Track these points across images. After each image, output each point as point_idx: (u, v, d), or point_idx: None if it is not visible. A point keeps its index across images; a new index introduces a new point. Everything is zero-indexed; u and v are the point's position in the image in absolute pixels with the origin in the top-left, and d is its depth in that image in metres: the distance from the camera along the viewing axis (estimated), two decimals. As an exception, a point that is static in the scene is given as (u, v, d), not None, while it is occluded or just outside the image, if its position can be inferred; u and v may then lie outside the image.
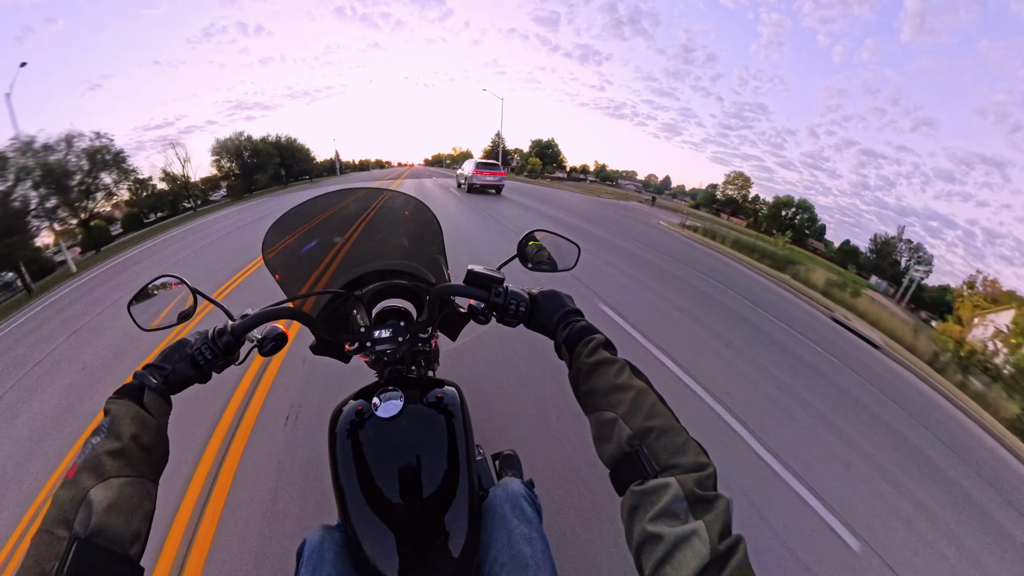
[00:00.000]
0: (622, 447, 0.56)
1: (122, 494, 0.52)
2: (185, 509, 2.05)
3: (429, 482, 0.79)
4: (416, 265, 1.18)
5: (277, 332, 0.86)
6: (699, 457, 0.52)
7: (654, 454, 0.53)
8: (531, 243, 1.02)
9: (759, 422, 3.24)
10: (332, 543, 0.77)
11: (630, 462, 0.55)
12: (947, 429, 4.72)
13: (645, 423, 0.57)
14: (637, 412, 0.58)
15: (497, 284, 0.83)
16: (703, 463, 0.52)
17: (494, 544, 0.77)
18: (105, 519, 0.48)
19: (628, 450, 0.56)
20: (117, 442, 0.56)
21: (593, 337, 0.73)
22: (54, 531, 0.46)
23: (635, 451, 0.55)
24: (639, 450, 0.54)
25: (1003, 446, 4.95)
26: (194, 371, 0.72)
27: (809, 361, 5.06)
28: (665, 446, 0.54)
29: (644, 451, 0.54)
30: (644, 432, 0.56)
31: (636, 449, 0.55)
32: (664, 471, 0.51)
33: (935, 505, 2.97)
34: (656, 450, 0.54)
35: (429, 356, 1.26)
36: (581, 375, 0.69)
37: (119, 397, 0.63)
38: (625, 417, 0.59)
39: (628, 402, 0.60)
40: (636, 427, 0.57)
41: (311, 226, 1.13)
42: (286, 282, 1.04)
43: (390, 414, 0.81)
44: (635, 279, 6.55)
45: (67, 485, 0.50)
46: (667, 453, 0.53)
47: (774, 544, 2.18)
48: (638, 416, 0.58)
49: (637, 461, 0.54)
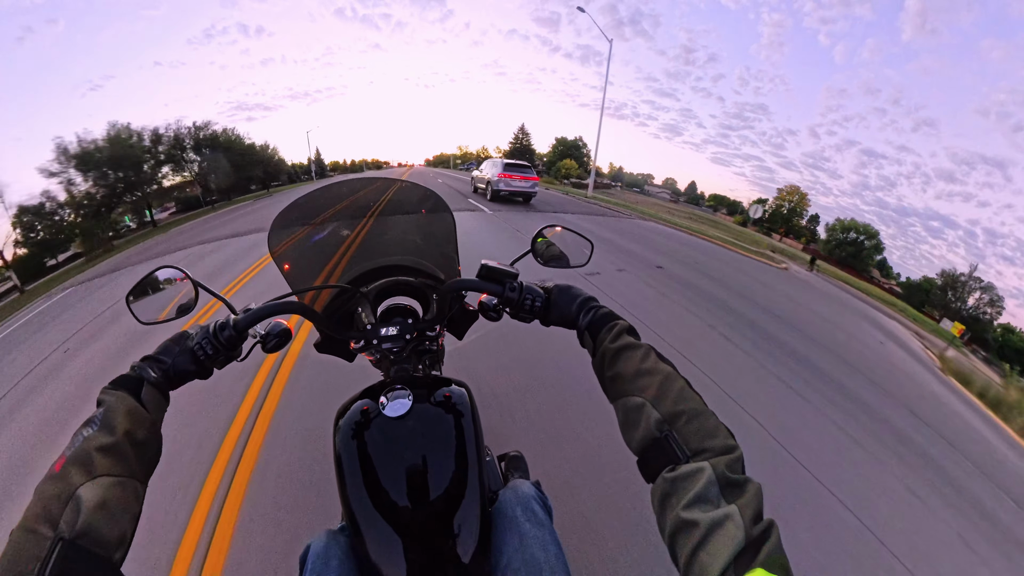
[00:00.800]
0: (651, 432, 0.55)
1: (111, 494, 0.49)
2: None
3: (438, 484, 0.76)
4: (424, 262, 1.16)
5: (281, 328, 0.84)
6: (728, 440, 0.52)
7: (685, 439, 0.52)
8: (540, 240, 1.00)
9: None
10: (337, 548, 0.75)
11: (660, 448, 0.54)
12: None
13: (675, 407, 0.56)
14: (666, 396, 0.57)
15: (511, 279, 0.82)
16: (732, 446, 0.51)
17: (506, 549, 0.75)
18: (92, 520, 0.46)
19: (658, 435, 0.55)
20: (110, 437, 0.53)
21: (616, 323, 0.72)
22: (37, 529, 0.44)
23: (665, 436, 0.54)
24: (669, 435, 0.54)
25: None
26: (194, 366, 0.70)
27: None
28: (696, 430, 0.53)
29: (675, 436, 0.53)
30: (674, 416, 0.55)
31: (666, 434, 0.54)
32: (696, 456, 0.50)
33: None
34: (687, 434, 0.53)
35: (435, 355, 1.23)
36: (606, 361, 0.68)
37: (115, 388, 0.60)
38: (654, 401, 0.58)
39: (656, 386, 0.59)
40: (665, 411, 0.56)
41: (319, 217, 1.10)
42: (292, 275, 1.01)
43: (398, 413, 0.79)
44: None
45: (54, 479, 0.48)
46: (698, 437, 0.52)
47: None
48: (667, 400, 0.57)
49: (667, 446, 0.53)
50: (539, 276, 0.97)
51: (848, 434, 3.44)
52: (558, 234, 1.01)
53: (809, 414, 3.57)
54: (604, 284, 5.69)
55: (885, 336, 10.00)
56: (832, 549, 2.16)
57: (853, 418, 3.78)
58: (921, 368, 8.59)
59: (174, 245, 12.38)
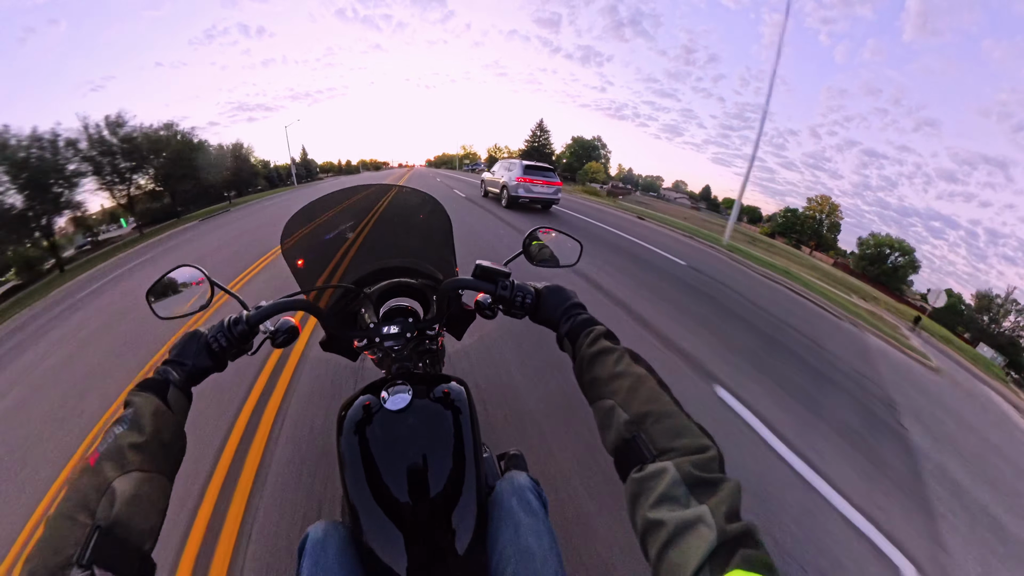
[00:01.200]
0: (622, 434, 0.56)
1: (142, 488, 0.52)
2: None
3: (437, 477, 0.79)
4: (424, 263, 1.20)
5: (289, 325, 0.88)
6: (699, 439, 0.52)
7: (652, 439, 0.53)
8: (535, 242, 1.04)
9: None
10: (335, 536, 0.77)
11: (630, 448, 0.55)
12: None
13: (643, 408, 0.57)
14: (634, 398, 0.59)
15: (504, 278, 0.86)
16: (704, 445, 0.51)
17: (501, 537, 0.77)
18: (126, 511, 0.49)
19: (627, 436, 0.56)
20: (140, 436, 0.57)
21: (594, 328, 0.74)
22: (76, 517, 0.46)
23: (634, 437, 0.55)
24: (637, 436, 0.54)
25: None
26: (211, 360, 0.74)
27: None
28: (663, 430, 0.53)
29: (642, 436, 0.54)
30: (641, 417, 0.56)
31: (635, 435, 0.55)
32: (662, 455, 0.51)
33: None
34: (654, 434, 0.53)
35: (435, 355, 1.27)
36: (584, 365, 0.70)
37: (142, 390, 0.64)
38: (623, 404, 0.59)
39: (626, 389, 0.60)
40: (633, 412, 0.57)
41: (328, 219, 1.15)
42: (301, 274, 1.06)
43: (399, 407, 0.81)
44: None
45: (89, 472, 0.51)
46: (665, 437, 0.53)
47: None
48: (636, 402, 0.58)
49: (635, 447, 0.54)
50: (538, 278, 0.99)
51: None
52: (550, 236, 1.06)
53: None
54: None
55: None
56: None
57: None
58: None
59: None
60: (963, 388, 8.08)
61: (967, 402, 7.00)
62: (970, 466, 3.78)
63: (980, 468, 3.84)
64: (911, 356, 8.03)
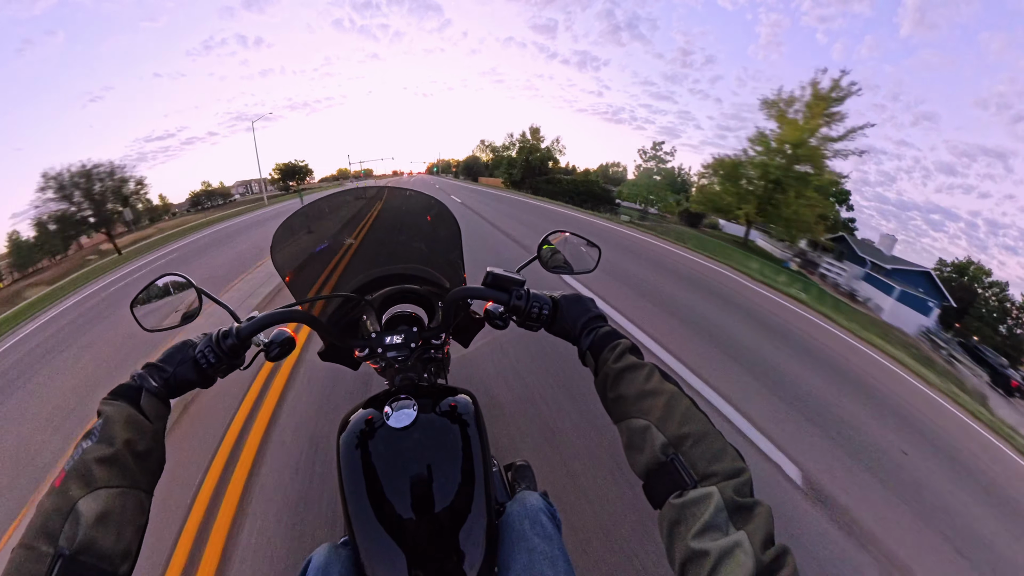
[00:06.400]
0: (656, 456, 0.54)
1: (112, 506, 0.48)
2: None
3: (443, 496, 0.74)
4: (429, 269, 1.16)
5: (285, 336, 0.83)
6: (736, 462, 0.50)
7: (692, 462, 0.51)
8: (546, 246, 1.00)
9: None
10: (338, 562, 0.73)
11: (666, 472, 0.52)
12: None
13: (680, 429, 0.54)
14: (671, 418, 0.56)
15: (518, 286, 0.81)
16: (740, 468, 0.49)
17: (514, 565, 0.73)
18: (93, 534, 0.45)
19: (663, 459, 0.53)
20: (109, 448, 0.52)
21: (619, 342, 0.71)
22: (36, 546, 0.43)
23: (670, 460, 0.52)
24: (675, 458, 0.52)
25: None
26: (196, 375, 0.69)
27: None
28: (703, 453, 0.51)
29: (681, 459, 0.51)
30: (680, 439, 0.53)
31: (671, 457, 0.52)
32: (703, 480, 0.49)
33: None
34: (693, 458, 0.51)
35: (441, 364, 1.22)
36: (609, 381, 0.66)
37: (114, 398, 0.60)
38: (658, 424, 0.56)
39: (661, 407, 0.58)
40: (671, 434, 0.54)
41: (322, 226, 1.10)
42: (295, 284, 1.01)
43: (403, 424, 0.77)
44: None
45: (53, 494, 0.47)
46: (705, 461, 0.50)
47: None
48: (672, 422, 0.55)
49: (674, 470, 0.51)
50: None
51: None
52: (565, 240, 1.01)
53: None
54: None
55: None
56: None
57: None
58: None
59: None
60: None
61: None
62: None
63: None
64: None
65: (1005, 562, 2.58)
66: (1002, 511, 3.19)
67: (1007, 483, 3.73)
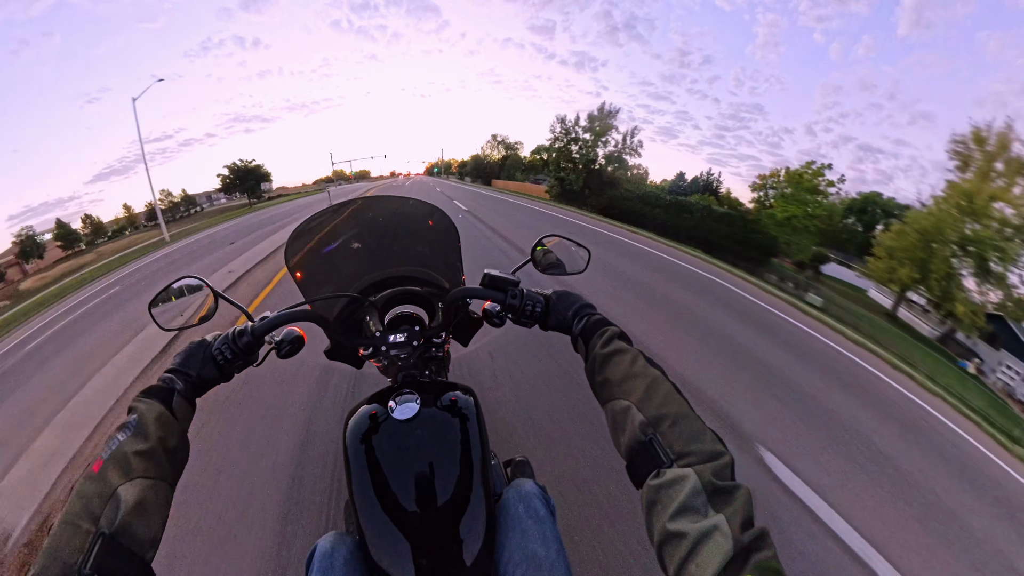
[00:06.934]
0: (636, 435, 0.56)
1: (147, 495, 0.52)
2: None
3: (445, 486, 0.78)
4: (430, 272, 1.20)
5: (294, 335, 0.87)
6: (715, 445, 0.51)
7: (669, 442, 0.52)
8: (539, 248, 1.04)
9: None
10: (343, 549, 0.76)
11: (645, 451, 0.54)
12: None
13: (659, 410, 0.56)
14: (651, 399, 0.58)
15: (513, 287, 0.85)
16: (719, 451, 0.51)
17: (508, 544, 0.77)
18: (130, 519, 0.48)
19: (643, 439, 0.55)
20: (145, 442, 0.56)
21: (607, 328, 0.74)
22: (79, 524, 0.46)
23: (649, 440, 0.54)
24: (653, 438, 0.53)
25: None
26: (216, 372, 0.74)
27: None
28: (680, 433, 0.53)
29: (659, 439, 0.53)
30: (658, 419, 0.55)
31: (650, 437, 0.54)
32: (680, 459, 0.50)
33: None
34: (671, 437, 0.53)
35: (441, 362, 1.26)
36: (596, 365, 0.69)
37: (147, 397, 0.64)
38: (639, 404, 0.58)
39: (642, 389, 0.59)
40: (650, 414, 0.56)
41: (332, 230, 1.15)
42: (305, 285, 1.05)
43: (406, 416, 0.81)
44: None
45: (93, 479, 0.50)
46: (682, 441, 0.52)
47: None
48: (652, 403, 0.57)
49: (652, 450, 0.53)
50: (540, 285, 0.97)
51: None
52: (557, 243, 1.06)
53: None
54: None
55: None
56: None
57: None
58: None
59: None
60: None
61: None
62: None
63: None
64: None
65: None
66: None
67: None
